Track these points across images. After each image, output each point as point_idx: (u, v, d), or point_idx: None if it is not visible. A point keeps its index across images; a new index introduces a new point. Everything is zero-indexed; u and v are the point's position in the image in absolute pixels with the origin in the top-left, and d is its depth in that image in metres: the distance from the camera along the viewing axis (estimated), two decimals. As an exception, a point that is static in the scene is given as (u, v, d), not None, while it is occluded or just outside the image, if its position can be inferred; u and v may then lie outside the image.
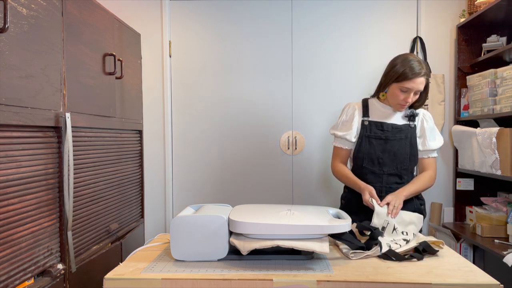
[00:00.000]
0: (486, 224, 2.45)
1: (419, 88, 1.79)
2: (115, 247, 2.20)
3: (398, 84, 1.80)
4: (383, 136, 1.86)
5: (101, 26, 2.09)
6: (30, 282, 1.51)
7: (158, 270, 1.34)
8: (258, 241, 1.36)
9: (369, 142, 1.88)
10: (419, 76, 1.76)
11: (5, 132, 1.37)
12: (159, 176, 3.02)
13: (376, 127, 1.88)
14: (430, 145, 1.87)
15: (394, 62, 1.83)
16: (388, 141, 1.86)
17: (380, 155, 1.86)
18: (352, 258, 1.45)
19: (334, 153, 1.98)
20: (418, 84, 1.78)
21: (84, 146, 1.92)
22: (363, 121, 1.89)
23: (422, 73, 1.77)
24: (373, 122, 1.89)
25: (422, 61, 1.81)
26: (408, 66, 1.77)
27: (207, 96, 3.00)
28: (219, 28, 2.98)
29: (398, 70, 1.79)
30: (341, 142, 1.93)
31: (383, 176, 1.87)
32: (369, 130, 1.88)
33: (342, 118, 1.94)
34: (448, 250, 1.56)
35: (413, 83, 1.77)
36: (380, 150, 1.86)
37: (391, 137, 1.86)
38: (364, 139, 1.88)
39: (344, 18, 2.94)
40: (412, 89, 1.79)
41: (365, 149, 1.88)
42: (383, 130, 1.87)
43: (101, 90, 2.08)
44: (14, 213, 1.41)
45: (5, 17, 1.30)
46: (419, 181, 1.84)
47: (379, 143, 1.87)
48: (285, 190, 2.99)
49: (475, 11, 2.70)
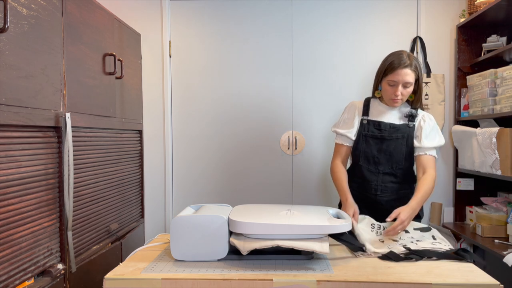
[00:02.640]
0: (486, 224, 2.45)
1: (406, 80, 1.77)
2: (115, 247, 2.20)
3: (386, 78, 1.81)
4: (380, 135, 1.87)
5: (101, 26, 2.09)
6: (30, 282, 1.51)
7: (158, 270, 1.34)
8: (258, 241, 1.36)
9: (366, 141, 1.89)
10: (403, 67, 1.76)
11: (5, 132, 1.37)
12: (159, 176, 3.02)
13: (374, 126, 1.88)
14: (425, 141, 1.83)
15: (385, 58, 1.87)
16: (384, 141, 1.86)
17: (376, 154, 1.87)
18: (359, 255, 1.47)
19: (335, 150, 1.98)
20: (404, 75, 1.76)
21: (84, 146, 1.92)
22: (362, 120, 1.91)
23: (407, 64, 1.76)
24: (371, 121, 1.90)
25: (414, 57, 1.81)
26: (395, 58, 1.79)
27: (207, 96, 3.00)
28: (219, 28, 2.98)
29: (386, 64, 1.82)
30: (342, 139, 1.94)
31: (378, 175, 1.88)
32: (366, 129, 1.89)
33: (344, 116, 1.96)
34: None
35: (399, 75, 1.76)
36: (376, 149, 1.87)
37: (388, 137, 1.86)
38: (362, 137, 1.89)
39: (344, 18, 2.94)
40: (398, 82, 1.78)
41: (361, 148, 1.89)
42: (380, 130, 1.87)
43: (101, 90, 2.08)
44: (14, 213, 1.41)
45: (5, 17, 1.30)
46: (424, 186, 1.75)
47: (376, 142, 1.87)
48: (285, 190, 2.99)
49: (475, 11, 2.70)
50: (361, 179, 1.91)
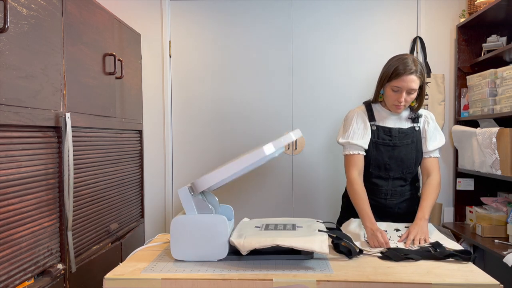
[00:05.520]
0: (486, 224, 2.45)
1: (411, 86, 1.71)
2: (115, 247, 2.20)
3: (390, 83, 1.74)
4: (391, 143, 1.82)
5: (101, 26, 2.09)
6: (30, 282, 1.51)
7: (158, 270, 1.34)
8: (258, 240, 1.36)
9: (377, 149, 1.83)
10: (409, 73, 1.69)
11: (5, 132, 1.37)
12: (159, 176, 3.02)
13: (384, 133, 1.83)
14: (430, 145, 1.84)
15: (388, 62, 1.80)
16: (395, 148, 1.82)
17: (387, 161, 1.83)
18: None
19: (350, 162, 1.81)
20: (409, 82, 1.70)
21: (84, 146, 1.92)
22: (371, 126, 1.84)
23: (413, 71, 1.70)
24: (380, 128, 1.84)
25: (419, 62, 1.74)
26: (401, 63, 1.72)
27: (207, 96, 3.00)
28: (219, 28, 2.98)
29: (391, 68, 1.74)
30: (357, 149, 1.82)
31: (388, 180, 1.86)
32: (376, 136, 1.83)
33: (353, 127, 1.84)
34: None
35: (404, 82, 1.70)
36: (387, 156, 1.83)
37: (399, 143, 1.82)
38: (372, 145, 1.83)
39: (344, 18, 2.94)
40: (403, 88, 1.72)
41: (372, 155, 1.83)
42: (391, 136, 1.82)
43: (101, 90, 2.08)
44: (14, 213, 1.41)
45: (5, 17, 1.30)
46: (432, 194, 1.77)
47: (387, 150, 1.83)
48: (285, 190, 2.99)
49: (475, 11, 2.70)
50: (371, 185, 1.86)
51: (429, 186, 1.80)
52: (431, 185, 1.80)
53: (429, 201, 1.75)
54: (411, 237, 1.60)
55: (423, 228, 1.64)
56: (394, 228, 1.73)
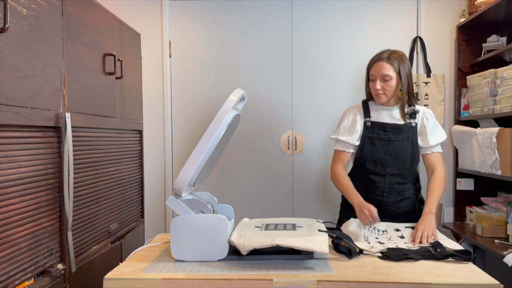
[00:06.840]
0: (486, 224, 2.45)
1: (382, 72, 1.80)
2: (115, 247, 2.20)
3: (369, 75, 1.87)
4: (386, 137, 1.86)
5: (101, 26, 2.09)
6: (30, 282, 1.51)
7: (158, 270, 1.34)
8: (258, 240, 1.36)
9: (372, 144, 1.87)
10: (379, 60, 1.80)
11: (5, 132, 1.37)
12: (159, 176, 3.02)
13: (379, 128, 1.87)
14: (431, 140, 1.86)
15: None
16: (390, 142, 1.86)
17: (383, 156, 1.86)
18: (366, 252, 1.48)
19: (336, 157, 1.94)
20: (379, 68, 1.80)
21: (84, 146, 1.91)
22: (365, 122, 1.89)
23: (383, 57, 1.80)
24: (375, 123, 1.88)
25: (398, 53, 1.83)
26: (375, 54, 1.85)
27: (207, 96, 3.00)
28: (219, 28, 2.98)
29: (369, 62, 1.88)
30: (345, 145, 1.91)
31: (386, 176, 1.87)
32: (371, 131, 1.87)
33: (344, 123, 1.92)
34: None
35: (375, 68, 1.82)
36: (382, 151, 1.86)
37: (394, 138, 1.85)
38: (367, 140, 1.87)
39: (344, 18, 2.94)
40: (376, 75, 1.82)
41: (368, 151, 1.87)
42: (386, 131, 1.86)
43: (101, 90, 2.08)
44: (14, 213, 1.41)
45: (5, 17, 1.30)
46: (438, 188, 1.80)
47: (382, 144, 1.86)
48: (285, 190, 2.99)
49: (475, 11, 2.70)
50: (367, 181, 1.89)
51: (434, 180, 1.84)
52: (436, 179, 1.83)
53: (436, 195, 1.78)
54: (419, 233, 1.61)
55: (431, 223, 1.65)
56: (394, 228, 1.73)
